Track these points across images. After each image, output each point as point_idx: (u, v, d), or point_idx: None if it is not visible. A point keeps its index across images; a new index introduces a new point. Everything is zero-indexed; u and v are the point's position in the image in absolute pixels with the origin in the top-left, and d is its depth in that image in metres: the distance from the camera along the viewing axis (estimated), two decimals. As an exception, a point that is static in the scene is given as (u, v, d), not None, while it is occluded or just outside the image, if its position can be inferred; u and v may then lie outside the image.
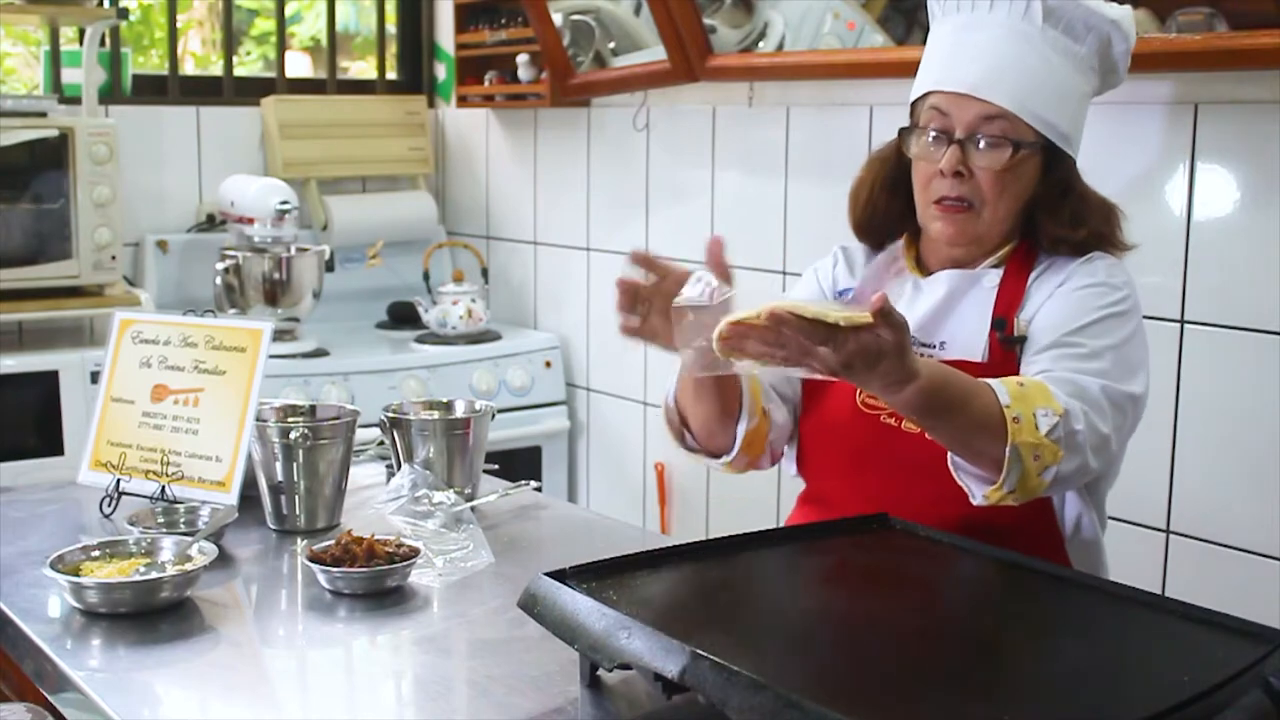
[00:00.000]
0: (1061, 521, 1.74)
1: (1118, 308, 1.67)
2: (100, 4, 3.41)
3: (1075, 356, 1.62)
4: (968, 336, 1.72)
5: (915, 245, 1.82)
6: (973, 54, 1.68)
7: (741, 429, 1.72)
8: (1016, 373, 1.64)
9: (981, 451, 1.51)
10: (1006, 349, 1.69)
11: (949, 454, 1.57)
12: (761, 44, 3.11)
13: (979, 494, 1.55)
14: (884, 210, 1.82)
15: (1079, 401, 1.56)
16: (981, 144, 1.67)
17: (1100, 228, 1.73)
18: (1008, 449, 1.48)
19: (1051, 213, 1.71)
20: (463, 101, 4.00)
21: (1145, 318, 2.22)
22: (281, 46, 4.00)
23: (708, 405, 1.70)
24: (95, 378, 2.86)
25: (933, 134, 1.70)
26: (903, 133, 1.75)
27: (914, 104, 1.76)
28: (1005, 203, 1.70)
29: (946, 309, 1.73)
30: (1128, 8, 1.73)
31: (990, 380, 1.53)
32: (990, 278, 1.72)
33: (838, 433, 1.76)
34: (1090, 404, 1.56)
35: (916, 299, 1.76)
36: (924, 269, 1.79)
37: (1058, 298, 1.68)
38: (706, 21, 3.11)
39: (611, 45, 3.50)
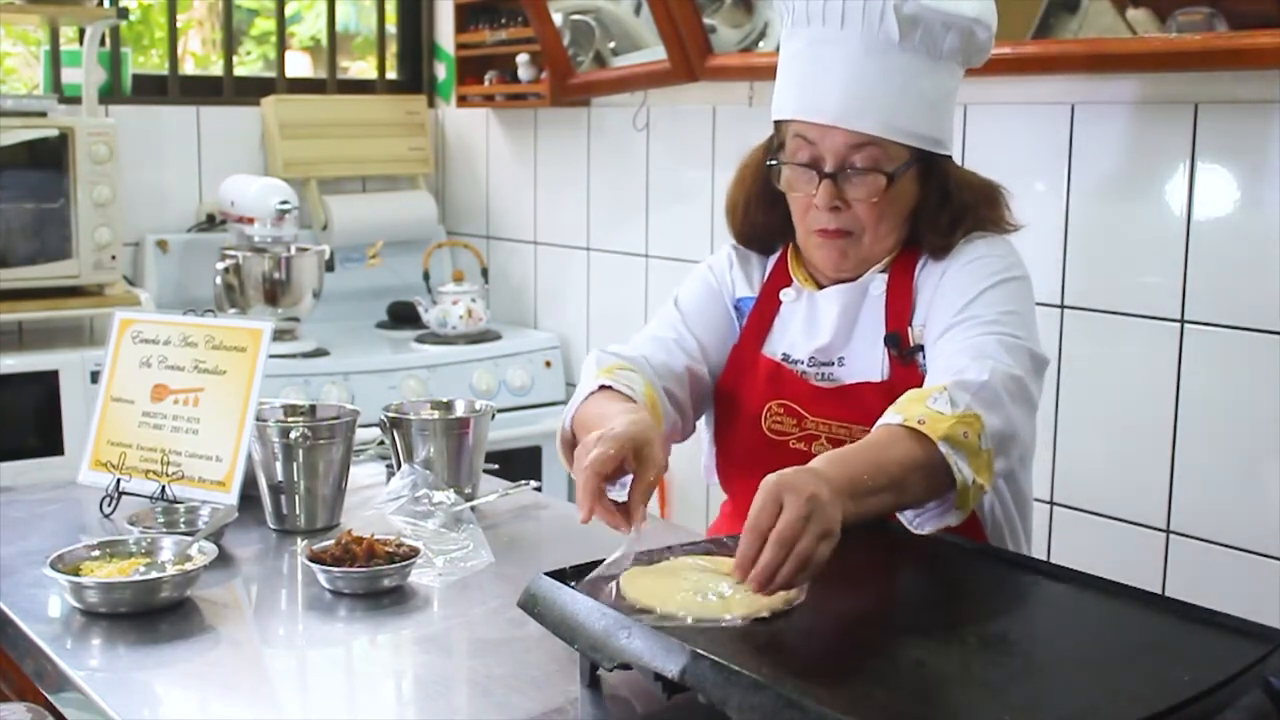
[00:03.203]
0: (981, 509, 1.72)
1: (1005, 274, 1.66)
2: (100, 4, 3.41)
3: (973, 325, 1.60)
4: (866, 354, 1.70)
5: (800, 254, 1.78)
6: (832, 78, 1.61)
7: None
8: (921, 382, 1.61)
9: (918, 472, 1.43)
10: (905, 363, 1.67)
11: (906, 522, 1.51)
12: (761, 44, 3.11)
13: (954, 516, 1.48)
14: (764, 223, 1.80)
15: (978, 360, 1.53)
16: (854, 175, 1.63)
17: (984, 213, 1.71)
18: (940, 447, 1.43)
19: (931, 223, 1.69)
20: (463, 101, 4.00)
21: (1145, 318, 2.23)
22: (281, 46, 4.00)
23: None
24: (95, 378, 2.86)
25: (802, 165, 1.66)
26: (770, 167, 1.71)
27: (777, 123, 1.72)
28: (887, 223, 1.68)
29: (843, 327, 1.72)
30: (989, 1, 1.67)
31: (875, 427, 1.49)
32: (877, 284, 1.71)
33: (750, 460, 1.74)
34: (991, 356, 1.54)
35: (813, 314, 1.75)
36: (813, 281, 1.77)
37: (943, 287, 1.67)
38: (706, 21, 3.11)
39: (611, 45, 3.50)
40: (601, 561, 1.33)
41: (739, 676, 1.06)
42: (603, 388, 1.65)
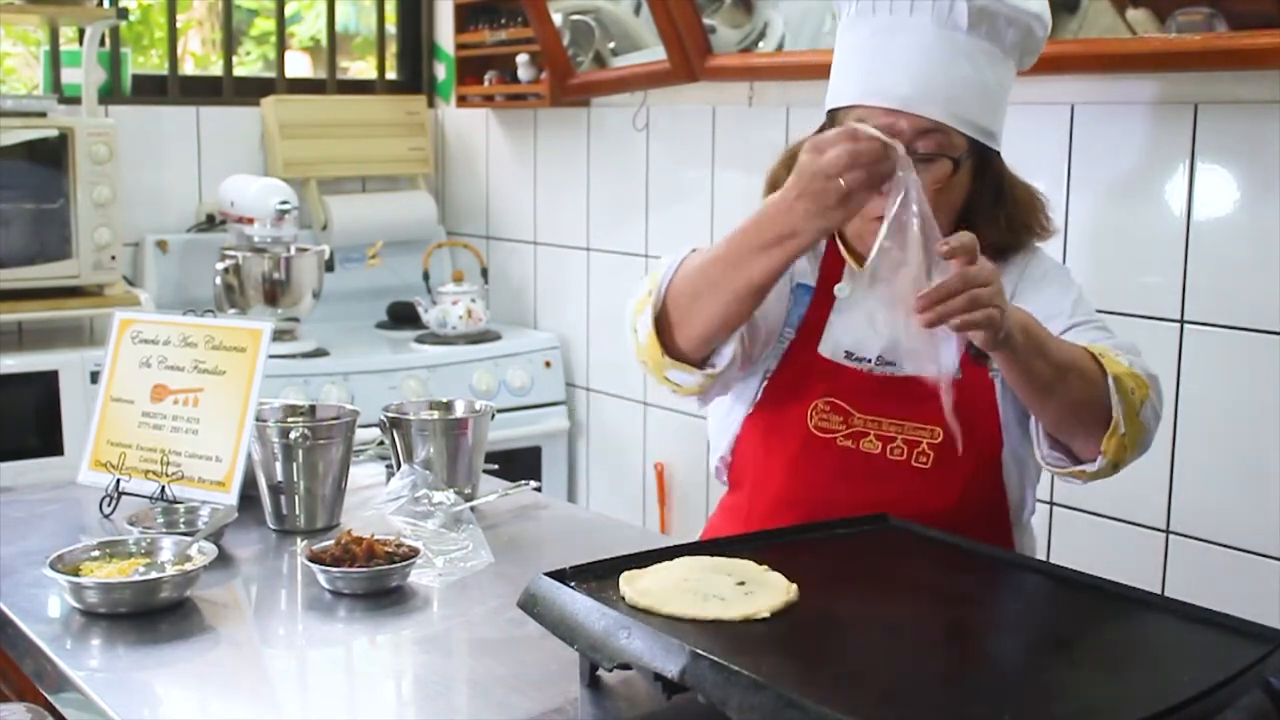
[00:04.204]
0: (1015, 506, 1.72)
1: (1077, 282, 1.74)
2: (100, 4, 3.41)
3: (1091, 329, 1.66)
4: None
5: (847, 242, 1.76)
6: (899, 63, 1.61)
7: (735, 344, 1.63)
8: (990, 384, 1.65)
9: (1083, 381, 1.50)
10: (978, 362, 1.65)
11: (1047, 447, 1.59)
12: (761, 44, 3.11)
13: (1091, 461, 1.56)
14: None
15: (1131, 354, 1.60)
16: (919, 161, 1.60)
17: (1032, 222, 1.73)
18: (1109, 382, 1.49)
19: (990, 219, 1.69)
20: (463, 101, 4.00)
21: (1145, 317, 2.23)
22: (281, 46, 4.00)
23: (721, 305, 1.58)
24: (95, 378, 2.86)
25: None
26: None
27: (833, 112, 1.69)
28: (944, 213, 1.65)
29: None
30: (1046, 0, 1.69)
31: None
32: None
33: (792, 459, 1.71)
34: (1131, 351, 1.62)
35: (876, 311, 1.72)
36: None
37: (1034, 293, 1.69)
38: (706, 21, 3.11)
39: (611, 45, 3.50)
40: (610, 557, 1.33)
41: (739, 676, 1.06)
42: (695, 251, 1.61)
